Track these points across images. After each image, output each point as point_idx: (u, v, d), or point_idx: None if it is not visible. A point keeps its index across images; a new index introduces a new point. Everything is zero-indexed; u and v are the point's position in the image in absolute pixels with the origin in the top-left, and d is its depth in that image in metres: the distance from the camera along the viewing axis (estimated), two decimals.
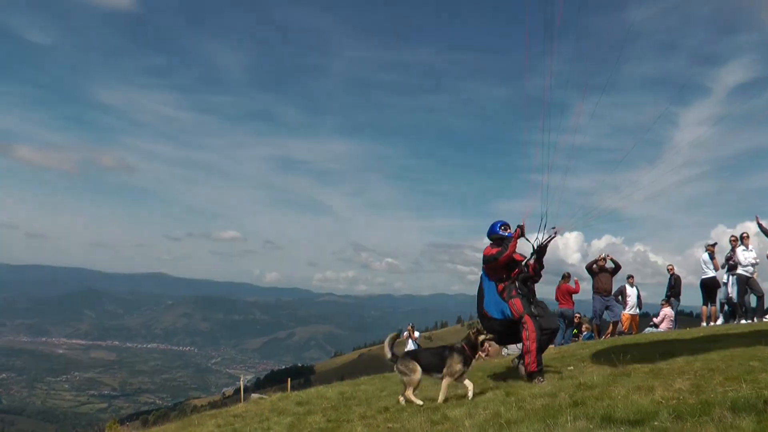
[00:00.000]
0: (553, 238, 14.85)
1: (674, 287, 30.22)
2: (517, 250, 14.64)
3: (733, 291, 26.34)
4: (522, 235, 14.60)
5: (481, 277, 15.08)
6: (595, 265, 28.67)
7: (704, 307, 27.88)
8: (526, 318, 13.89)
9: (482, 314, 14.78)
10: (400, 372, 13.30)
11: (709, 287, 27.61)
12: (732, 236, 27.08)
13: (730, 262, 26.51)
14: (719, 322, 27.00)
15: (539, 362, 13.81)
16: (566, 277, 29.23)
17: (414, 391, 13.06)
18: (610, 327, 28.90)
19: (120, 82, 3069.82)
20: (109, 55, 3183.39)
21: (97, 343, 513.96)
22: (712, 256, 27.61)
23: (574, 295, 29.14)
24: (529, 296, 14.50)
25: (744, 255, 26.10)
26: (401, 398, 13.25)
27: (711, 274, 27.48)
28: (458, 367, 12.89)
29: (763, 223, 25.87)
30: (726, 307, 27.58)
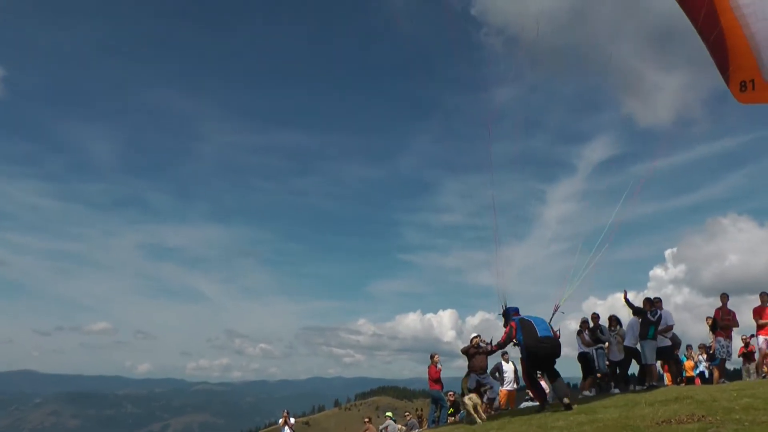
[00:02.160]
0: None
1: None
2: None
3: (599, 363, 26.66)
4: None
5: None
6: (471, 348, 28.44)
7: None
8: None
9: None
10: None
11: (584, 360, 27.86)
12: (583, 318, 27.60)
13: (593, 337, 26.95)
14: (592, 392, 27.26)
15: None
16: (432, 358, 29.13)
17: None
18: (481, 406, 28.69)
19: None
20: None
21: None
22: (581, 331, 27.92)
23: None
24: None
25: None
26: None
27: (583, 348, 27.76)
28: None
29: (630, 297, 26.45)
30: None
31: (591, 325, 27.11)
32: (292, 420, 38.67)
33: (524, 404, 29.51)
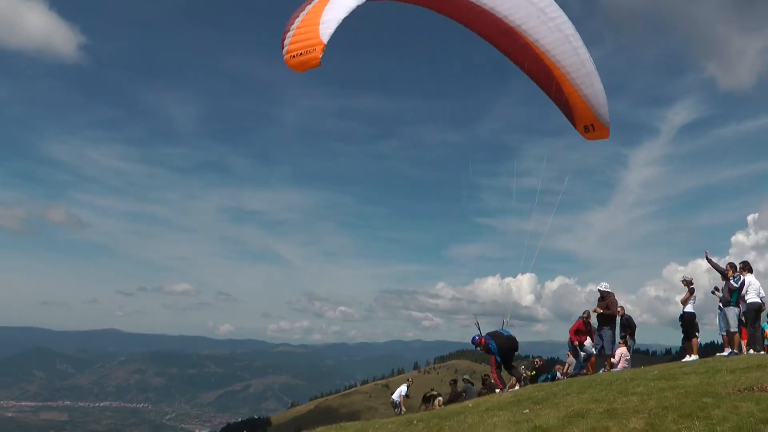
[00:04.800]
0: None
1: (627, 327, 29.99)
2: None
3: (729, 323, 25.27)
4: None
5: None
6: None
7: (695, 340, 27.28)
8: None
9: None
10: None
11: (685, 320, 27.19)
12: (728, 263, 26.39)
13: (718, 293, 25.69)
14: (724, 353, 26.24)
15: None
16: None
17: None
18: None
19: (69, 136, 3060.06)
20: (58, 109, 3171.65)
21: (47, 404, 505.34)
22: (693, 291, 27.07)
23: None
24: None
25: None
26: None
27: (688, 308, 27.02)
28: None
29: (713, 259, 25.74)
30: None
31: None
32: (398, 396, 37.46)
33: (602, 371, 29.41)
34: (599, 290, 27.76)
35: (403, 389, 37.80)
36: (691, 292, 26.78)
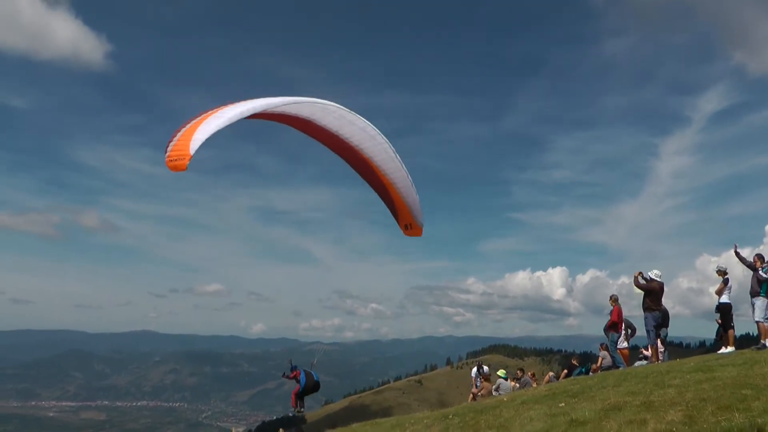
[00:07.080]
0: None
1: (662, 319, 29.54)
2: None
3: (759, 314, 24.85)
4: None
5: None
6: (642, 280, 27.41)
7: (731, 331, 26.87)
8: None
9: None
10: None
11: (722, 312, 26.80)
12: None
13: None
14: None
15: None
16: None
17: None
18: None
19: (98, 142, 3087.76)
20: (86, 116, 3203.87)
21: (86, 404, 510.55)
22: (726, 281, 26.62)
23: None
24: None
25: None
26: None
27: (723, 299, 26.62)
28: None
29: (741, 252, 25.44)
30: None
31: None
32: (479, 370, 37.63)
33: (638, 363, 29.25)
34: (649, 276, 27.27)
35: (473, 371, 38.05)
36: (726, 282, 26.48)
